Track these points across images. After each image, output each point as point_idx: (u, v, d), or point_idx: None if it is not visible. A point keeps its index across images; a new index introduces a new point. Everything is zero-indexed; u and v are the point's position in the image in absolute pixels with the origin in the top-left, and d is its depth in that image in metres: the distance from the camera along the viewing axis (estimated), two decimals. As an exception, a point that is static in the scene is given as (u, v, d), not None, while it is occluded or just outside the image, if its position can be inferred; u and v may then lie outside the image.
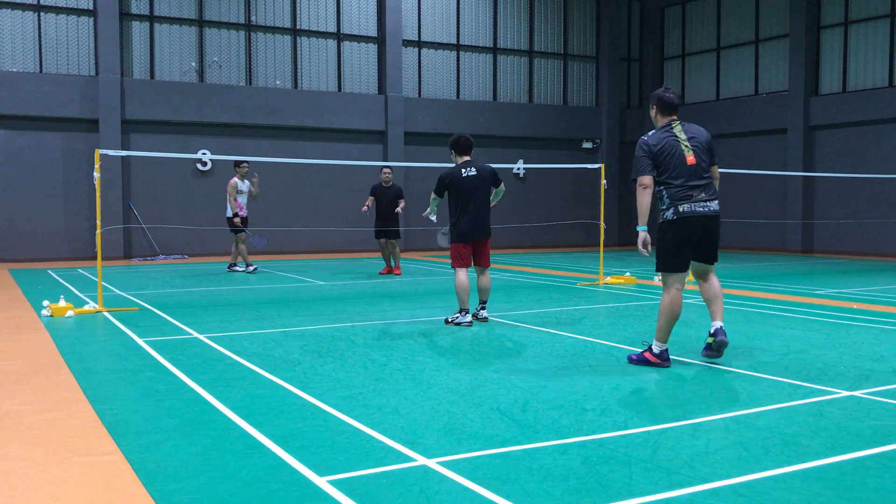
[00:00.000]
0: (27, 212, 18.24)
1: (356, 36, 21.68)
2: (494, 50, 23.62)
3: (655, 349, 6.13)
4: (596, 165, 13.85)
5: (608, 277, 12.94)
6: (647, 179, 5.99)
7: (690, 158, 5.99)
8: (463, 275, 8.29)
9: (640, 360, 6.20)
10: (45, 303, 9.20)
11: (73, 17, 18.71)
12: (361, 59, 21.84)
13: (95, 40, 18.75)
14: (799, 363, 6.29)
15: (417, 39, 22.42)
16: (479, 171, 8.38)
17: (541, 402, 5.01)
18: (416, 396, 5.20)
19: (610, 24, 25.11)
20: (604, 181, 12.94)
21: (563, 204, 24.52)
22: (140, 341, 7.32)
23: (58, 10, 18.55)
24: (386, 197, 14.24)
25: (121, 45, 18.93)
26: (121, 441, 4.21)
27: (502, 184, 8.73)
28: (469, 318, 8.31)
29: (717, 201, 6.07)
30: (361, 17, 21.76)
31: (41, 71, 18.37)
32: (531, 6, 24.14)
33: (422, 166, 21.38)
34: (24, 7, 18.24)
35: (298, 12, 20.99)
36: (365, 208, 14.41)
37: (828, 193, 21.33)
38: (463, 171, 8.35)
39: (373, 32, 21.87)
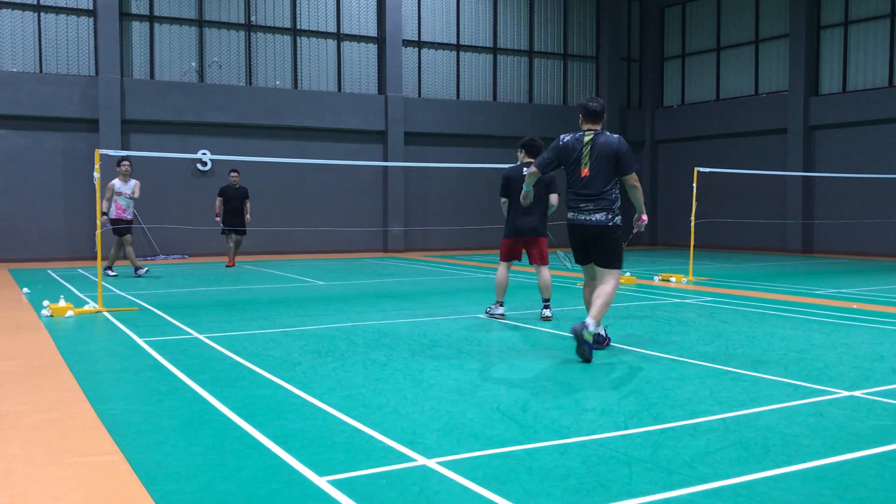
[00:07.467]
0: (27, 212, 18.24)
1: (356, 36, 21.68)
2: (494, 50, 23.61)
3: None
4: (596, 165, 13.83)
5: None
6: None
7: None
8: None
9: None
10: (46, 303, 9.20)
11: (73, 17, 18.71)
12: (361, 59, 21.83)
13: (95, 40, 18.75)
14: (799, 363, 6.29)
15: (417, 39, 22.41)
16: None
17: (541, 402, 5.01)
18: (416, 396, 5.19)
19: (610, 24, 25.10)
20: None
21: (563, 204, 24.46)
22: (140, 341, 7.31)
23: (58, 10, 18.55)
24: (236, 198, 15.78)
25: (121, 45, 18.92)
26: (121, 441, 4.21)
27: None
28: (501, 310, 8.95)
29: None
30: (361, 17, 21.76)
31: (41, 71, 18.37)
32: (531, 6, 24.14)
33: (422, 166, 21.38)
34: (24, 7, 18.24)
35: (298, 12, 20.98)
36: (218, 217, 15.83)
37: (828, 193, 21.33)
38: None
39: (373, 32, 21.87)
